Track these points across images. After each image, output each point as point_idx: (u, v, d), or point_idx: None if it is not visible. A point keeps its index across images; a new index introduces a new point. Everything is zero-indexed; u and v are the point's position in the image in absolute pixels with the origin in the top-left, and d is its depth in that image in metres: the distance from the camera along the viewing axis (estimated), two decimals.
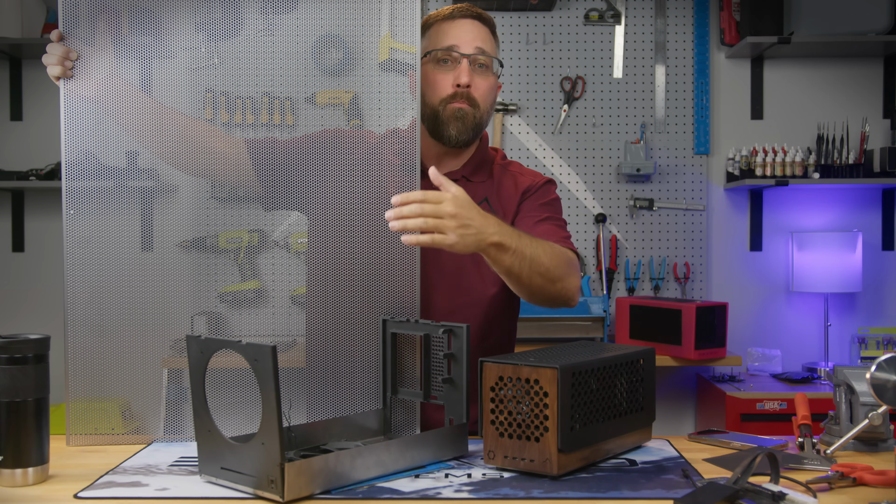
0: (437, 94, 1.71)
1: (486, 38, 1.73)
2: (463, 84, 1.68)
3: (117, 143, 1.94)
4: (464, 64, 1.69)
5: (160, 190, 3.76)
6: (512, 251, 1.48)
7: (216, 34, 2.08)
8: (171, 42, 2.00)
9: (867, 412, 1.47)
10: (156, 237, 4.06)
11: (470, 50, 1.70)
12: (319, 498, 1.25)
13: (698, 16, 3.63)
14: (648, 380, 1.54)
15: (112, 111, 1.72)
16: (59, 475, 1.37)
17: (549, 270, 1.54)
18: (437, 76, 1.72)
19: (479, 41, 1.71)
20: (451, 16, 1.75)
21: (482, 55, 1.71)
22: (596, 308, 3.37)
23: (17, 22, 3.42)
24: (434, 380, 1.53)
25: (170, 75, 1.99)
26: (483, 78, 1.71)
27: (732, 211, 3.68)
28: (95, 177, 1.91)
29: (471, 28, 1.72)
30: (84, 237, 1.86)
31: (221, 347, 1.30)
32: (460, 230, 1.41)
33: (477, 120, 1.72)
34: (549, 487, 1.29)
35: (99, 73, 1.67)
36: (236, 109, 3.80)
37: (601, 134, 3.63)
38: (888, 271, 3.66)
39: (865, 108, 3.63)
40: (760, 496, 1.17)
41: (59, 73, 1.62)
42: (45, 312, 3.64)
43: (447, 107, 1.70)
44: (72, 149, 1.73)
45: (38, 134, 3.64)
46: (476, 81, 1.70)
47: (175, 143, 1.80)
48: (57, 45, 1.62)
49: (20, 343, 1.32)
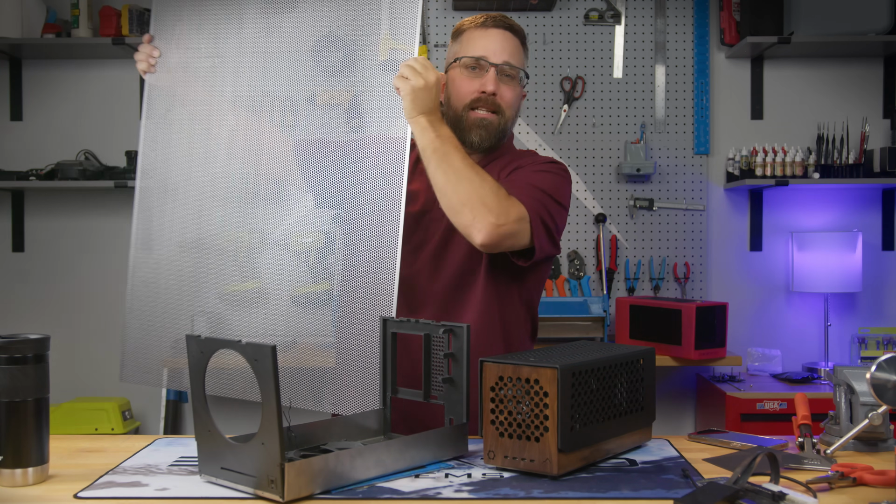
0: (462, 98, 1.78)
1: (514, 49, 1.79)
2: (489, 91, 1.75)
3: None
4: (491, 72, 1.76)
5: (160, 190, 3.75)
6: (435, 136, 1.62)
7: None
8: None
9: (867, 412, 1.47)
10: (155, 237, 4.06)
11: (498, 60, 1.77)
12: (319, 498, 1.25)
13: (698, 16, 3.63)
14: (648, 380, 1.54)
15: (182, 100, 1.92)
16: (59, 475, 1.37)
17: (457, 172, 1.61)
18: (463, 82, 1.78)
19: (507, 53, 1.77)
20: (483, 24, 1.81)
21: (509, 66, 1.77)
22: (596, 308, 3.37)
23: (17, 22, 3.42)
24: (434, 380, 1.53)
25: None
26: (509, 87, 1.78)
27: (732, 211, 3.68)
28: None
29: (501, 39, 1.78)
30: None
31: (221, 347, 1.30)
32: (417, 93, 1.63)
33: (501, 127, 1.79)
34: (549, 487, 1.29)
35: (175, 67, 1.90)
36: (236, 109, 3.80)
37: (601, 134, 3.63)
38: (888, 271, 3.66)
39: (865, 108, 3.63)
40: (760, 496, 1.17)
41: (145, 68, 1.87)
42: (45, 312, 3.64)
43: (470, 113, 1.77)
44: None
45: (38, 134, 3.64)
46: (502, 90, 1.77)
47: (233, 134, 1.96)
48: (146, 45, 1.89)
49: (20, 343, 1.32)
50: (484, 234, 1.59)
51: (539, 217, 1.67)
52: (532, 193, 1.68)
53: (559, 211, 1.74)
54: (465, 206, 1.60)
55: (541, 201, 1.69)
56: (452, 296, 1.78)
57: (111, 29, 3.41)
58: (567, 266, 3.63)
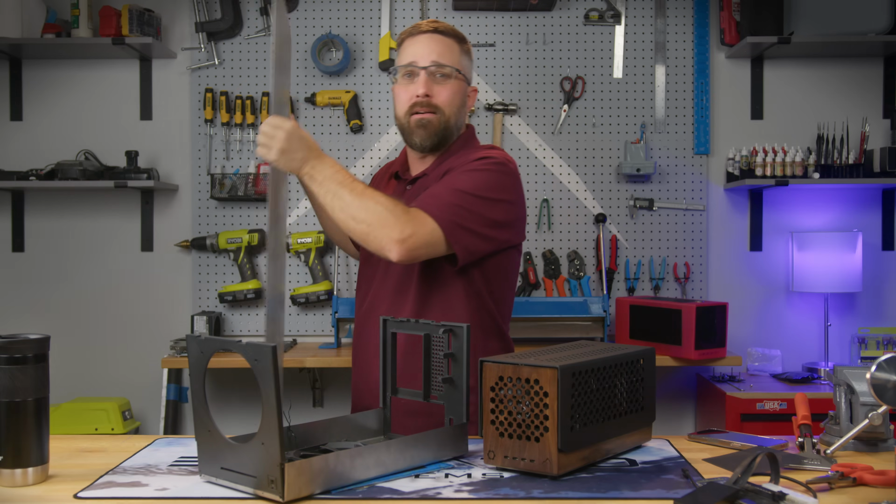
0: (402, 106, 1.88)
1: (444, 49, 1.86)
2: (421, 94, 1.84)
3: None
4: (421, 76, 1.85)
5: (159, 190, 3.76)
6: (319, 182, 1.69)
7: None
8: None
9: (867, 412, 1.47)
10: (156, 237, 4.06)
11: (426, 63, 1.85)
12: (319, 498, 1.25)
13: (698, 16, 3.63)
14: (648, 380, 1.54)
15: None
16: (59, 475, 1.37)
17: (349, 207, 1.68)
18: (401, 91, 1.89)
19: (435, 54, 1.85)
20: (411, 33, 1.90)
21: (437, 66, 1.85)
22: (596, 308, 3.37)
23: (17, 22, 3.42)
24: (434, 380, 1.53)
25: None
26: (443, 86, 1.86)
27: (732, 211, 3.68)
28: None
29: (428, 42, 1.86)
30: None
31: (221, 347, 1.30)
32: (283, 156, 1.68)
33: (442, 125, 1.86)
34: (549, 487, 1.29)
35: None
36: (236, 109, 3.81)
37: (601, 134, 3.63)
38: (888, 271, 3.66)
39: (865, 108, 3.63)
40: (760, 496, 1.17)
41: None
42: (45, 312, 3.64)
43: (411, 118, 1.86)
44: None
45: (38, 134, 3.63)
46: (435, 90, 1.85)
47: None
48: None
49: (20, 343, 1.32)
50: (394, 253, 1.67)
51: (453, 222, 1.72)
52: (448, 200, 1.74)
53: (491, 206, 1.77)
54: (369, 234, 1.68)
55: (458, 205, 1.74)
56: (395, 300, 1.85)
57: (111, 29, 3.40)
58: (567, 266, 3.63)
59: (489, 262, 1.83)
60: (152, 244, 3.65)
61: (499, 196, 1.79)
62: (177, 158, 3.63)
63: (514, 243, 1.89)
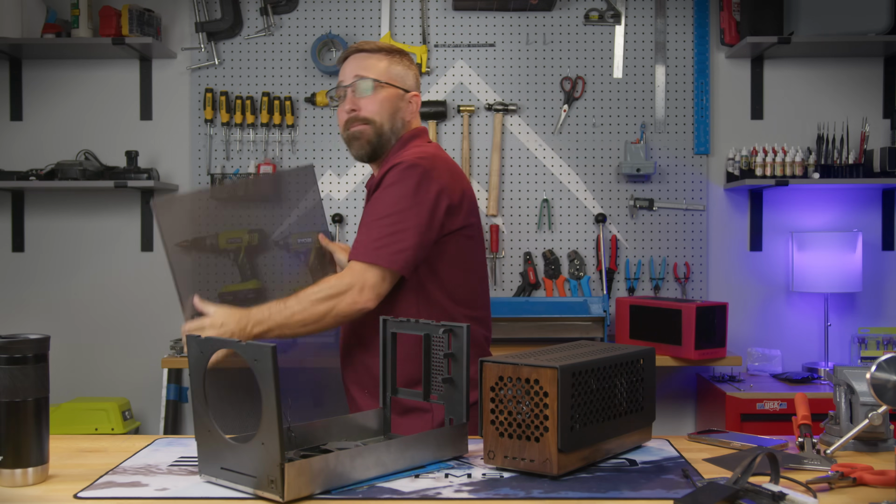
0: (340, 125, 1.99)
1: (365, 65, 1.96)
2: (347, 111, 1.95)
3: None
4: (347, 94, 1.96)
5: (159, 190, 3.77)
6: (269, 330, 1.77)
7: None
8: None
9: (867, 412, 1.47)
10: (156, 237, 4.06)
11: (349, 80, 1.96)
12: (319, 498, 1.25)
13: (698, 16, 3.63)
14: (648, 380, 1.54)
15: None
16: (59, 475, 1.37)
17: (307, 319, 1.77)
18: (339, 111, 2.00)
19: (357, 69, 1.95)
20: (341, 59, 2.03)
21: (359, 78, 1.94)
22: (596, 308, 3.37)
23: (17, 22, 3.42)
24: (434, 380, 1.53)
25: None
26: (368, 98, 1.94)
27: (732, 211, 3.68)
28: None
29: (351, 63, 1.97)
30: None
31: (221, 347, 1.30)
32: (222, 332, 1.75)
33: (376, 134, 1.95)
34: (549, 487, 1.29)
35: None
36: (236, 109, 3.81)
37: (601, 134, 3.63)
38: (888, 271, 3.66)
39: (865, 108, 3.63)
40: (760, 496, 1.17)
41: None
42: (45, 312, 3.64)
43: (346, 133, 1.97)
44: None
45: (38, 134, 3.64)
46: (361, 103, 1.94)
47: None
48: None
49: (20, 343, 1.32)
50: (368, 303, 1.78)
51: (384, 256, 1.80)
52: (371, 237, 1.82)
53: (416, 212, 1.82)
54: (338, 316, 1.78)
55: (384, 236, 1.81)
56: None
57: (111, 29, 3.40)
58: (567, 266, 3.63)
59: (430, 255, 1.86)
60: (152, 244, 3.65)
61: (419, 198, 1.83)
62: (177, 158, 3.63)
63: (454, 228, 1.89)
